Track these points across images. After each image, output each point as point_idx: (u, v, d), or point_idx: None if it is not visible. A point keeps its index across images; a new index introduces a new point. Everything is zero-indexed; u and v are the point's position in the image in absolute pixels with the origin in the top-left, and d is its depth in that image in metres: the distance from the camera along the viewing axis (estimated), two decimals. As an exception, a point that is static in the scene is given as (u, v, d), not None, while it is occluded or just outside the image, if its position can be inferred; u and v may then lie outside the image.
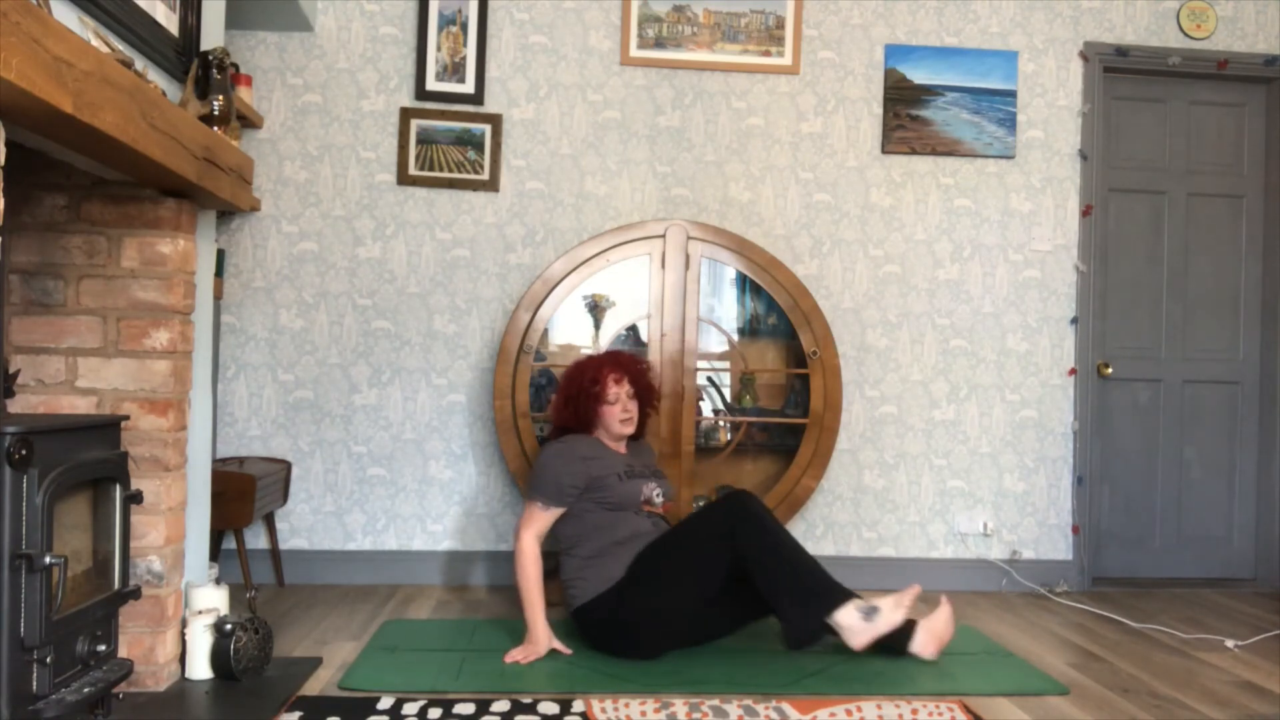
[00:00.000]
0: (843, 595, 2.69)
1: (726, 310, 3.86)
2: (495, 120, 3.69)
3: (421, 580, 3.67)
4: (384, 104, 3.68)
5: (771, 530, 2.72)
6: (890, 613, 2.68)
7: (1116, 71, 3.98)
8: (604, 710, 2.34)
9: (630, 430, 2.99)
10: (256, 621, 2.51)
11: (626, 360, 3.01)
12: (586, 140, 3.76)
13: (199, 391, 2.63)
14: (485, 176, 3.69)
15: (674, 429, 3.45)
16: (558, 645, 2.78)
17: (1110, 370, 3.95)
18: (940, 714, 2.38)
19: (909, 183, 3.87)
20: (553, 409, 3.06)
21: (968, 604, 3.61)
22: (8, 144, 1.68)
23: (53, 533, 1.91)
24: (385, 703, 2.34)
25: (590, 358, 3.06)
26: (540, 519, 2.82)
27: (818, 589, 2.69)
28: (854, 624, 2.66)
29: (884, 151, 3.85)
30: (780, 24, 3.79)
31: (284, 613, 3.20)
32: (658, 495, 2.95)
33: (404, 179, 3.68)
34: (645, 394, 3.03)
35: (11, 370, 2.26)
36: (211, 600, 2.52)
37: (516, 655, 2.71)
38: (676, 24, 3.76)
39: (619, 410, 2.93)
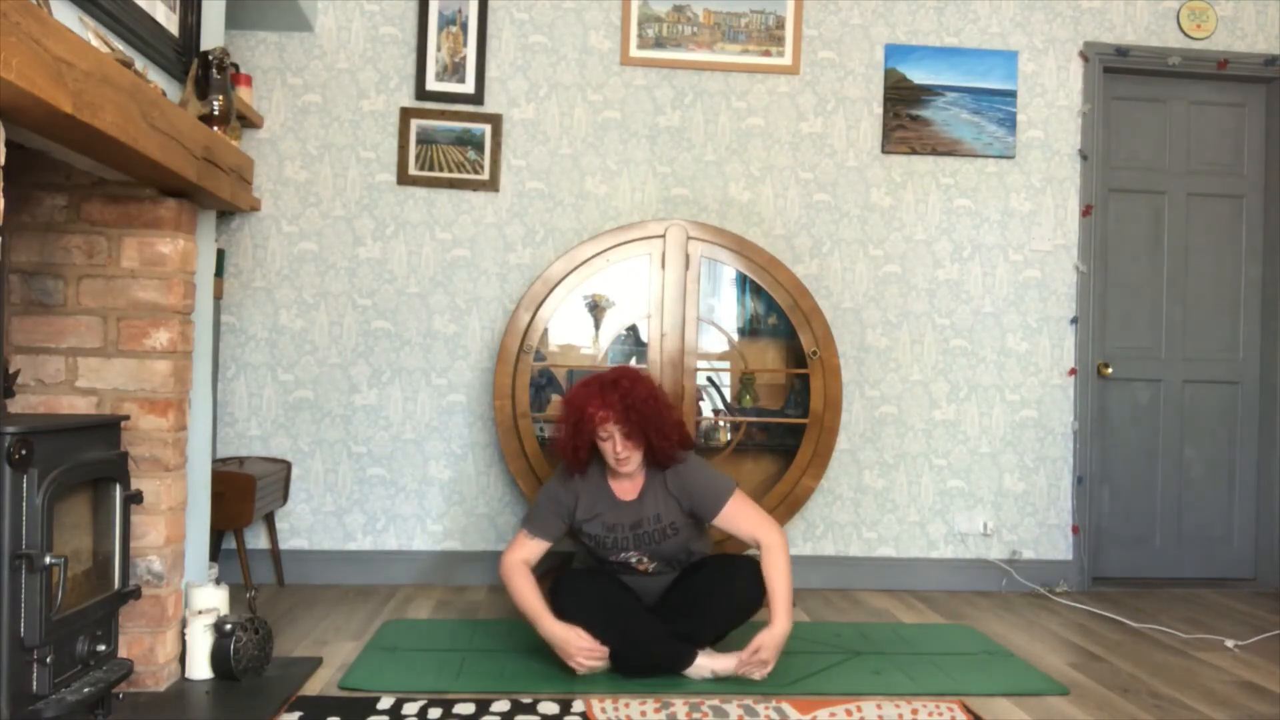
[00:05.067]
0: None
1: (726, 310, 3.86)
2: (495, 120, 3.69)
3: (422, 580, 3.67)
4: (384, 104, 3.68)
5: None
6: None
7: (1116, 71, 3.97)
8: (604, 710, 2.34)
9: (627, 470, 2.64)
10: (256, 621, 2.51)
11: (614, 397, 2.57)
12: (586, 140, 3.76)
13: (199, 391, 2.63)
14: (485, 176, 3.69)
15: (674, 429, 3.45)
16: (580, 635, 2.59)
17: (1110, 370, 3.95)
18: (940, 714, 2.38)
19: (909, 183, 3.87)
20: (555, 442, 2.76)
21: (967, 604, 3.61)
22: (8, 144, 1.68)
23: (53, 533, 1.91)
24: (385, 703, 2.34)
25: (582, 386, 2.65)
26: (524, 546, 2.69)
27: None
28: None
29: (884, 151, 3.85)
30: (780, 24, 3.79)
31: (284, 613, 3.20)
32: (637, 561, 2.73)
33: (404, 179, 3.68)
34: (645, 428, 2.61)
35: (11, 370, 2.26)
36: (211, 600, 2.52)
37: (581, 665, 2.57)
38: (676, 24, 3.76)
39: (610, 450, 2.61)
